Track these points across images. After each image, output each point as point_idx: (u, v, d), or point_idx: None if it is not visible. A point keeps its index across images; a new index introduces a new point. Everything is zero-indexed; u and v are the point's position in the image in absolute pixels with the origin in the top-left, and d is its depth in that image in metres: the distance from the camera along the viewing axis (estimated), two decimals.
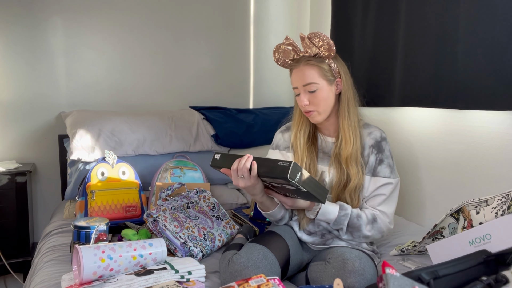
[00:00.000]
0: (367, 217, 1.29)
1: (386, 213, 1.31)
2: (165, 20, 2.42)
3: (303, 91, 1.29)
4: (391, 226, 1.32)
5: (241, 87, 2.65)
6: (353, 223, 1.27)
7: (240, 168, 1.16)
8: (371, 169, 1.32)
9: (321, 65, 1.28)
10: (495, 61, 1.36)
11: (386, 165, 1.31)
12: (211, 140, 2.18)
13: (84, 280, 1.03)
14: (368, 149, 1.33)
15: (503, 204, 1.05)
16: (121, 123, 2.00)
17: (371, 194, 1.32)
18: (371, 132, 1.35)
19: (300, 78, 1.29)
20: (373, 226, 1.28)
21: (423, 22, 1.64)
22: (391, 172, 1.31)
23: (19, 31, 2.15)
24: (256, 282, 0.90)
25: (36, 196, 2.28)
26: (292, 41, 1.30)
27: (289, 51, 1.30)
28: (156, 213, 1.40)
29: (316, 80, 1.28)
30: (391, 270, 0.75)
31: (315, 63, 1.28)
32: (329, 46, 1.26)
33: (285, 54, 1.32)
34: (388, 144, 1.35)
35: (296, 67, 1.31)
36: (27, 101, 2.21)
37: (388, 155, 1.33)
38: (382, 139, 1.34)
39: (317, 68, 1.28)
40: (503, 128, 1.43)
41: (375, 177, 1.31)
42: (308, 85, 1.28)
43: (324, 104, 1.30)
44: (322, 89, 1.29)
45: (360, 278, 1.10)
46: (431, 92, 1.61)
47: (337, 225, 1.28)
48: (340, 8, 2.21)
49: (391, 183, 1.30)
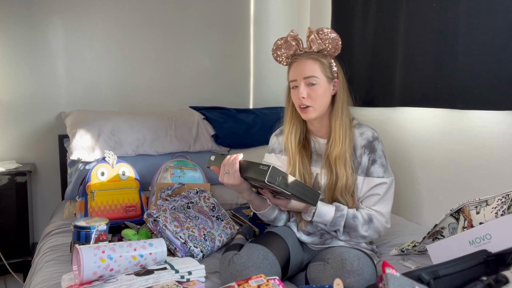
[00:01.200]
0: (363, 217, 1.29)
1: (382, 212, 1.30)
2: (165, 20, 2.42)
3: (302, 84, 1.29)
4: (387, 225, 1.32)
5: (241, 87, 2.65)
6: (349, 223, 1.27)
7: (228, 163, 1.21)
8: (364, 170, 1.32)
9: (323, 60, 1.29)
10: (495, 61, 1.36)
11: (379, 165, 1.31)
12: (211, 140, 2.18)
13: (84, 280, 1.03)
14: (360, 149, 1.32)
15: (503, 204, 1.05)
16: (121, 123, 2.00)
17: (366, 194, 1.31)
18: (362, 132, 1.34)
19: (301, 70, 1.29)
20: (369, 226, 1.28)
21: (423, 22, 1.64)
22: (384, 171, 1.31)
23: (19, 31, 2.16)
24: (256, 282, 0.90)
25: (36, 196, 2.28)
26: (296, 35, 1.31)
27: (292, 44, 1.30)
28: (156, 213, 1.40)
29: (318, 74, 1.28)
30: (391, 270, 0.75)
31: (318, 57, 1.29)
32: (336, 43, 1.28)
33: (287, 48, 1.32)
34: (380, 144, 1.34)
35: (297, 61, 1.30)
36: (27, 101, 2.21)
37: (381, 154, 1.32)
38: (374, 138, 1.33)
39: (320, 63, 1.29)
40: (503, 128, 1.43)
41: (369, 177, 1.31)
42: (309, 78, 1.28)
43: (320, 101, 1.29)
44: (321, 85, 1.29)
45: (359, 278, 1.10)
46: (431, 92, 1.61)
47: (334, 226, 1.28)
48: (340, 8, 2.21)
49: (385, 183, 1.30)
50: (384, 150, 1.35)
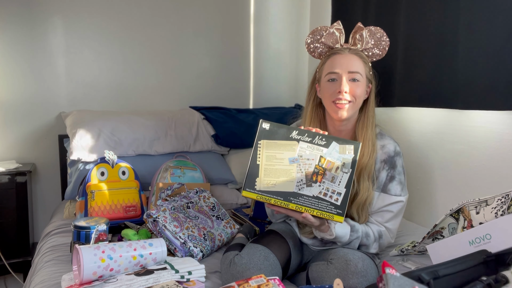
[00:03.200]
0: (374, 235, 1.26)
1: (391, 229, 1.28)
2: (165, 20, 2.42)
3: (346, 78, 1.21)
4: (392, 241, 1.31)
5: (241, 87, 2.65)
6: (362, 242, 1.24)
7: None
8: (381, 185, 1.26)
9: (366, 61, 1.26)
10: (495, 61, 1.36)
11: (397, 182, 1.26)
12: (211, 140, 2.18)
13: (84, 280, 1.03)
14: (380, 164, 1.26)
15: (503, 204, 1.05)
16: (121, 123, 2.00)
17: (379, 210, 1.28)
18: (384, 145, 1.28)
19: (347, 63, 1.22)
20: (378, 243, 1.27)
21: (423, 22, 1.64)
22: (402, 189, 1.26)
23: (19, 31, 2.15)
24: (256, 282, 0.90)
25: (36, 196, 2.28)
26: (341, 28, 1.25)
27: (335, 35, 1.25)
28: (156, 213, 1.40)
29: (362, 72, 1.23)
30: (391, 270, 0.75)
31: (363, 56, 1.25)
32: (384, 46, 1.24)
33: (328, 37, 1.25)
34: (401, 159, 1.28)
35: (341, 54, 1.24)
36: (27, 101, 2.21)
37: (400, 171, 1.27)
38: (395, 154, 1.27)
39: (363, 63, 1.25)
40: (503, 128, 1.43)
41: (385, 194, 1.26)
42: (354, 73, 1.22)
43: (359, 100, 1.24)
44: (362, 84, 1.24)
45: (362, 279, 1.09)
46: (431, 92, 1.61)
47: (348, 246, 1.24)
48: (340, 8, 2.21)
49: (401, 201, 1.26)
50: (404, 165, 1.29)
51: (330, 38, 1.26)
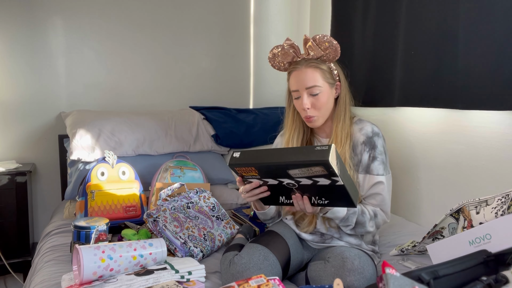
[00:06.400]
0: (369, 213, 1.28)
1: (384, 209, 1.32)
2: (165, 20, 2.42)
3: (305, 94, 1.27)
4: (388, 220, 1.33)
5: (241, 87, 2.65)
6: (359, 220, 1.26)
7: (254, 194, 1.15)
8: (365, 167, 1.31)
9: (323, 67, 1.28)
10: (495, 61, 1.36)
11: (379, 162, 1.30)
12: (211, 140, 2.18)
13: (84, 280, 1.03)
14: (360, 146, 1.31)
15: (503, 204, 1.05)
16: (121, 123, 2.00)
17: (367, 193, 1.31)
18: (362, 128, 1.32)
19: (302, 80, 1.27)
20: (374, 222, 1.29)
21: (423, 22, 1.64)
22: (384, 169, 1.30)
23: (19, 31, 2.16)
24: (256, 282, 0.90)
25: (36, 196, 2.28)
26: (293, 43, 1.28)
27: (289, 53, 1.28)
28: (156, 213, 1.40)
29: (319, 83, 1.26)
30: (391, 270, 0.75)
31: (317, 65, 1.27)
32: (335, 49, 1.25)
33: (284, 56, 1.30)
34: (381, 139, 1.32)
35: (297, 69, 1.28)
36: (27, 101, 2.21)
37: (381, 150, 1.31)
38: (373, 134, 1.31)
39: (320, 71, 1.27)
40: (503, 128, 1.43)
41: (369, 174, 1.30)
42: (312, 88, 1.26)
43: (325, 108, 1.29)
44: (324, 93, 1.27)
45: (359, 276, 1.10)
46: (431, 92, 1.61)
47: (346, 222, 1.25)
48: (340, 8, 2.21)
49: (384, 181, 1.30)
50: (385, 145, 1.33)
51: (286, 57, 1.30)
